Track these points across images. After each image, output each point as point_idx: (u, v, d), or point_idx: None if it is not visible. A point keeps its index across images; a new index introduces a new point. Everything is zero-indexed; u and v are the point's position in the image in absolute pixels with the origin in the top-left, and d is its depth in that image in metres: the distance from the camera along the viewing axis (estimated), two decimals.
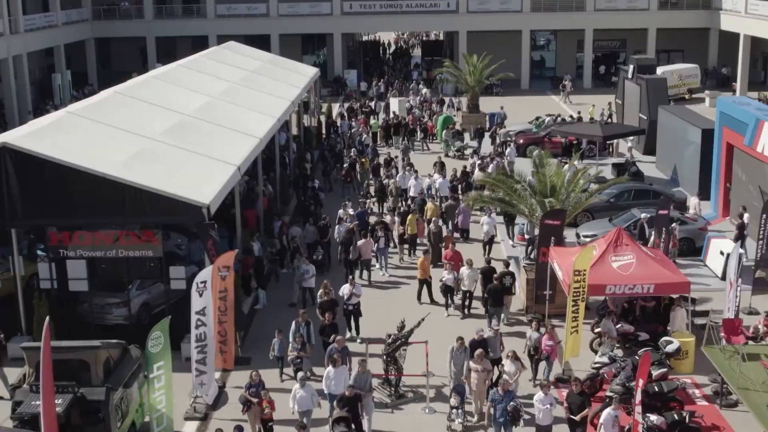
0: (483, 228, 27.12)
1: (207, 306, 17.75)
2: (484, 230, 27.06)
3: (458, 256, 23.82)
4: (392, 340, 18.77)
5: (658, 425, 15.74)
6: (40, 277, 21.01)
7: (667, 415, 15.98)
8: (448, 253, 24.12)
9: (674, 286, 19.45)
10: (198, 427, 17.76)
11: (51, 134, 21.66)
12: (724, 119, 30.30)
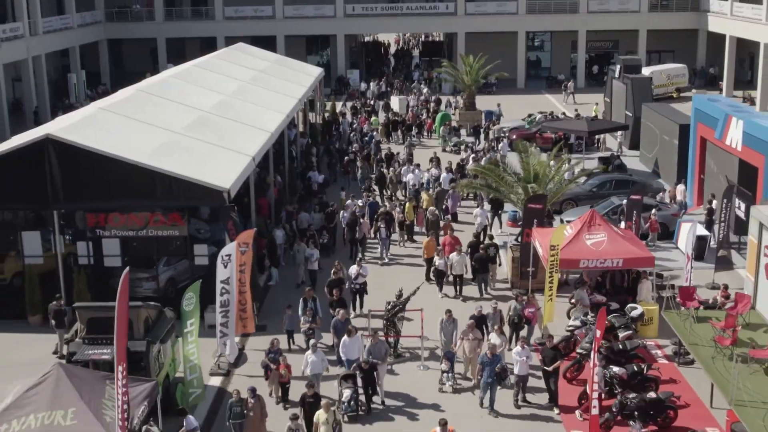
0: (476, 219, 29.46)
1: (230, 276, 20.32)
2: (477, 221, 29.42)
3: (456, 241, 26.23)
4: (391, 307, 21.38)
5: (620, 375, 18.30)
6: (79, 254, 23.57)
7: (627, 367, 18.52)
8: (447, 239, 26.49)
9: (640, 260, 22.03)
10: (222, 381, 20.36)
11: (86, 127, 24.28)
12: (699, 115, 32.88)
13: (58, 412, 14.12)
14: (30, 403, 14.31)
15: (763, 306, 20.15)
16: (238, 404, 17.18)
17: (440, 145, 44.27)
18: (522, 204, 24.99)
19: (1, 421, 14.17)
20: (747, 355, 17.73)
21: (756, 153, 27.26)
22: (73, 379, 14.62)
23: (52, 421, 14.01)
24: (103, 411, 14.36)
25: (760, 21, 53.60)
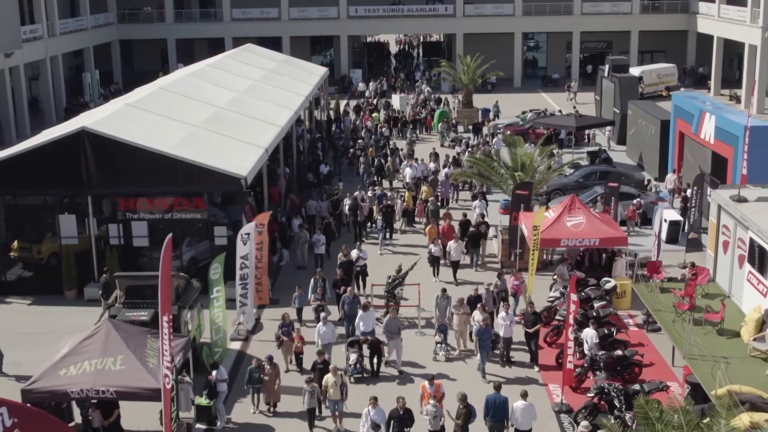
0: (475, 211, 31.91)
1: (249, 253, 22.87)
2: (476, 213, 31.85)
3: (452, 229, 28.69)
4: (392, 280, 23.96)
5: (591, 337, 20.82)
6: (110, 235, 26.13)
7: (599, 330, 21.04)
8: (445, 227, 28.90)
9: (615, 240, 24.59)
10: (241, 345, 22.89)
11: (116, 121, 26.85)
12: (677, 111, 35.43)
13: (108, 358, 16.68)
14: (84, 351, 16.87)
15: (721, 278, 22.69)
16: (257, 370, 19.42)
17: (438, 140, 46.79)
18: (510, 191, 27.54)
19: (60, 367, 16.73)
20: (702, 319, 20.27)
21: (726, 145, 29.80)
22: (120, 332, 17.19)
23: (104, 366, 16.56)
24: (147, 359, 16.92)
25: (745, 23, 56.10)
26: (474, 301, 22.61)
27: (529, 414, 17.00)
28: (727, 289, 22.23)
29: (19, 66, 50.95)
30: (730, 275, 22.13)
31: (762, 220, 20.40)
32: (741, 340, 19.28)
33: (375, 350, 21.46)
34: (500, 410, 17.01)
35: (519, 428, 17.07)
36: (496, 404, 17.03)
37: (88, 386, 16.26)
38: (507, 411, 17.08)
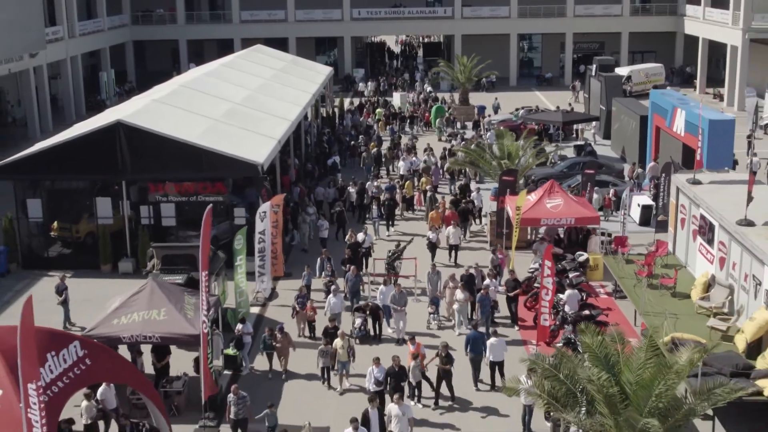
0: (474, 203, 34.98)
1: (266, 229, 26.10)
2: (474, 204, 34.85)
3: (455, 215, 31.82)
4: (391, 254, 27.24)
5: (564, 300, 24.03)
6: (141, 216, 29.38)
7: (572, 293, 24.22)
8: (450, 214, 31.93)
9: (589, 219, 27.83)
10: (259, 310, 26.13)
11: (146, 115, 30.13)
12: (654, 107, 38.66)
13: (153, 310, 19.91)
14: (133, 304, 20.13)
15: (679, 251, 25.90)
16: (270, 338, 22.23)
17: (436, 135, 50.02)
18: (495, 174, 30.80)
19: (112, 318, 19.97)
20: (659, 283, 23.50)
21: (694, 137, 33.00)
22: (162, 290, 20.45)
23: (150, 317, 19.81)
24: (186, 311, 20.15)
25: (727, 25, 59.30)
26: (468, 280, 25.27)
27: (500, 347, 20.42)
28: (684, 260, 25.45)
29: (42, 65, 54.20)
30: (686, 248, 25.35)
31: (711, 199, 23.61)
32: (691, 300, 22.47)
33: (376, 316, 24.63)
34: (478, 344, 20.45)
35: (493, 360, 20.36)
36: (475, 339, 20.48)
37: (137, 333, 19.52)
38: (483, 345, 20.46)
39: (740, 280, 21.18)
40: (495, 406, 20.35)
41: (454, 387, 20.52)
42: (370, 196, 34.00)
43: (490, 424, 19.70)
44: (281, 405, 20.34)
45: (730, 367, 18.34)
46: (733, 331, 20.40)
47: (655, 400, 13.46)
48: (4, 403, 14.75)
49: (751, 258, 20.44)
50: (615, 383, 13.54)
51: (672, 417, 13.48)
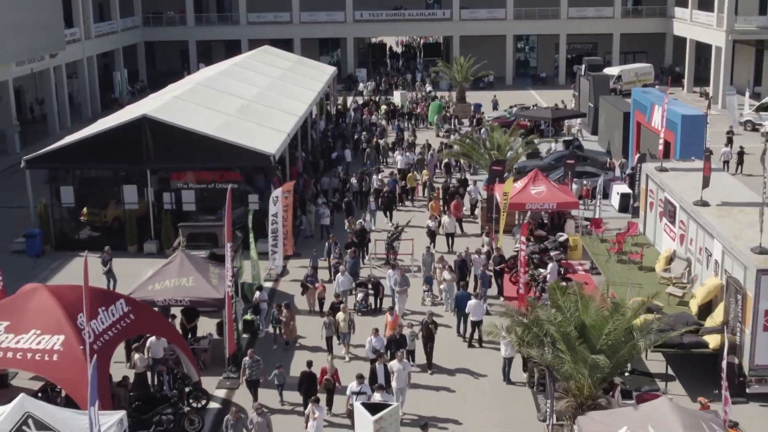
0: (471, 195, 37.89)
1: (278, 212, 29.06)
2: (471, 196, 37.75)
3: (460, 206, 34.66)
4: (390, 234, 30.22)
5: (545, 274, 26.95)
6: (164, 201, 32.37)
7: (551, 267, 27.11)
8: (456, 204, 34.69)
9: (568, 204, 30.83)
10: (272, 284, 29.10)
11: (168, 110, 33.12)
12: (636, 104, 41.63)
13: (183, 278, 22.90)
14: (165, 273, 23.12)
15: (648, 231, 28.86)
16: (277, 313, 24.83)
17: (434, 131, 53.00)
18: (488, 167, 33.78)
19: (148, 284, 22.95)
20: (627, 259, 26.48)
21: (670, 132, 35.91)
22: (190, 261, 23.45)
23: (180, 283, 22.79)
24: (211, 280, 23.14)
25: (712, 26, 62.23)
26: (461, 265, 27.83)
27: (479, 308, 23.57)
28: (652, 239, 28.39)
29: (61, 65, 57.22)
30: (654, 228, 28.30)
31: (674, 184, 26.55)
32: (655, 272, 25.42)
33: (376, 291, 27.56)
34: (463, 302, 23.70)
35: (473, 318, 23.56)
36: (462, 298, 24.06)
37: (170, 297, 22.50)
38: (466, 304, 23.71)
39: (696, 253, 24.14)
40: (479, 362, 23.30)
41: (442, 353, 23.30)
42: (373, 189, 36.80)
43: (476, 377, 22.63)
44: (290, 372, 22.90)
45: (682, 324, 21.29)
46: (688, 297, 23.36)
47: (605, 338, 16.43)
48: (68, 344, 17.77)
49: (704, 233, 23.39)
50: (573, 325, 16.50)
51: (619, 353, 16.44)
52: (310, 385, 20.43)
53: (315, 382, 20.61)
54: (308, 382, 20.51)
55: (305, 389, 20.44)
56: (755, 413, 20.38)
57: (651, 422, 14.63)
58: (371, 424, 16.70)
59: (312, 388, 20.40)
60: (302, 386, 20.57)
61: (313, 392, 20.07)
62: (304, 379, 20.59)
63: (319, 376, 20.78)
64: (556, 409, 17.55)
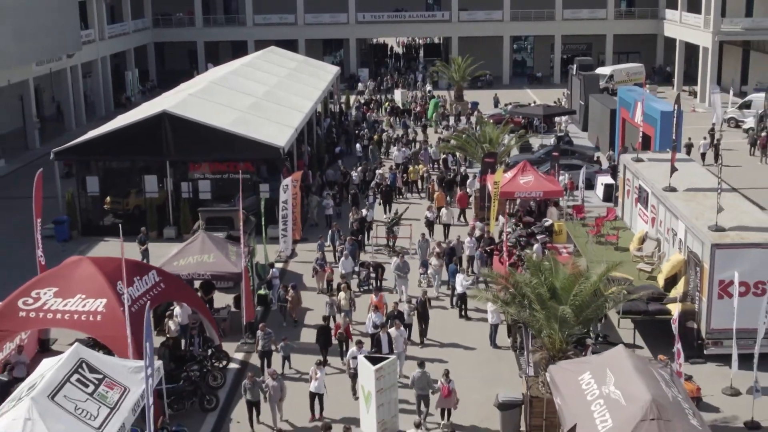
0: (469, 188, 40.54)
1: (287, 199, 31.79)
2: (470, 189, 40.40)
3: (465, 197, 37.32)
4: (390, 219, 32.97)
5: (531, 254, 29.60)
6: (182, 191, 35.11)
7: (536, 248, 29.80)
8: (462, 195, 37.35)
9: (553, 192, 33.55)
10: (282, 265, 31.82)
11: (185, 106, 35.86)
12: (621, 102, 44.35)
13: (204, 255, 25.65)
14: (188, 250, 25.90)
15: (626, 216, 31.59)
16: (284, 293, 27.41)
17: (433, 127, 55.73)
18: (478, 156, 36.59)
19: (173, 260, 25.69)
20: (605, 240, 29.21)
21: (650, 126, 38.70)
22: (212, 239, 26.23)
23: (202, 260, 25.53)
24: (230, 257, 25.87)
25: (699, 28, 64.92)
26: (449, 252, 30.43)
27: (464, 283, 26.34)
28: (629, 223, 31.11)
29: (77, 65, 60.00)
30: (630, 213, 31.02)
31: (647, 173, 29.25)
32: (629, 252, 28.15)
33: (377, 270, 30.26)
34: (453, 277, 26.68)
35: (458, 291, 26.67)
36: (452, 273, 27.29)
37: (193, 271, 25.27)
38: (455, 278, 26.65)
39: (664, 234, 26.87)
40: (469, 333, 26.01)
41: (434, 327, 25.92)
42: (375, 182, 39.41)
43: (466, 345, 25.33)
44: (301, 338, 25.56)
45: (648, 293, 24.03)
46: (656, 272, 26.09)
47: (573, 298, 19.15)
48: (110, 306, 20.52)
49: (671, 216, 26.11)
50: (545, 287, 19.24)
51: (585, 311, 19.18)
52: (327, 337, 23.63)
53: (330, 335, 23.72)
54: (324, 334, 23.69)
55: (322, 341, 23.60)
56: (712, 372, 23.08)
57: (609, 367, 17.32)
58: (372, 372, 19.42)
59: (328, 339, 23.61)
60: (320, 338, 23.65)
61: (329, 343, 23.49)
62: (321, 332, 23.72)
63: (333, 330, 23.81)
64: (533, 361, 20.28)
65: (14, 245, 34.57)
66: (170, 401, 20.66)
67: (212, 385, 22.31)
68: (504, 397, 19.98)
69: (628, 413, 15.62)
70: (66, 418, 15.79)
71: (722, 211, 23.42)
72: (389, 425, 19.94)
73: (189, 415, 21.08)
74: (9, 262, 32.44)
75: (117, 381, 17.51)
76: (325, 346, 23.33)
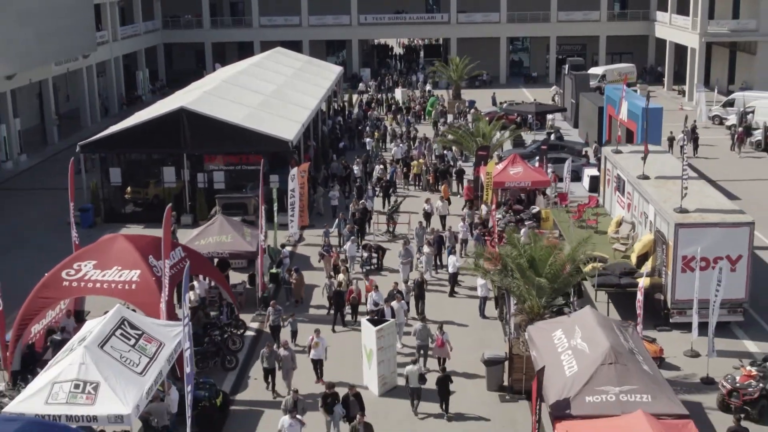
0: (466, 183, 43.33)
1: (295, 188, 34.63)
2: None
3: (471, 190, 40.04)
4: (390, 207, 35.86)
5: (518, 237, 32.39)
6: (198, 181, 37.97)
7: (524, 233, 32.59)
8: (468, 188, 40.10)
9: (541, 182, 36.40)
10: (291, 248, 34.65)
11: (201, 102, 38.73)
12: (608, 100, 47.18)
13: (223, 235, 28.51)
14: (207, 232, 28.74)
15: (606, 203, 34.44)
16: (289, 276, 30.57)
17: (431, 125, 58.53)
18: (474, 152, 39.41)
19: (194, 240, 28.53)
20: (586, 224, 32.05)
21: (632, 122, 41.51)
22: (229, 222, 29.10)
23: (220, 240, 28.39)
24: (245, 237, 28.73)
25: (688, 29, 67.71)
26: (438, 240, 32.92)
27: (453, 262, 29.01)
28: (609, 209, 33.95)
29: (92, 65, 62.87)
30: (610, 200, 33.85)
31: (624, 163, 32.08)
32: (607, 235, 30.97)
33: (379, 251, 33.09)
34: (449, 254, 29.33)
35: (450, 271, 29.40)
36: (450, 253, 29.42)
37: (212, 250, 28.13)
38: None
39: (638, 217, 29.70)
40: (460, 308, 28.82)
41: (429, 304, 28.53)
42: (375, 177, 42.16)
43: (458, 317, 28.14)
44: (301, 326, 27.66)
45: (621, 269, 26.87)
46: (629, 251, 28.92)
47: (548, 269, 21.99)
48: (143, 276, 23.36)
49: (643, 201, 28.93)
50: (524, 258, 22.08)
51: (559, 279, 22.03)
52: (340, 300, 26.79)
53: (343, 298, 26.82)
54: (337, 297, 26.81)
55: (335, 303, 26.79)
56: (676, 338, 25.88)
57: (578, 324, 20.16)
58: (374, 333, 22.27)
59: (341, 302, 26.82)
60: (333, 300, 26.92)
61: (342, 305, 26.70)
62: (335, 295, 26.86)
63: (347, 295, 26.93)
64: (514, 323, 23.12)
65: (42, 230, 37.46)
66: (196, 360, 23.45)
67: (232, 348, 25.13)
68: (489, 354, 22.83)
69: (591, 359, 18.46)
70: (114, 364, 18.59)
71: (686, 195, 26.22)
72: (388, 380, 22.80)
73: (212, 372, 23.89)
74: (40, 244, 35.33)
75: (153, 336, 20.31)
76: (337, 307, 26.64)
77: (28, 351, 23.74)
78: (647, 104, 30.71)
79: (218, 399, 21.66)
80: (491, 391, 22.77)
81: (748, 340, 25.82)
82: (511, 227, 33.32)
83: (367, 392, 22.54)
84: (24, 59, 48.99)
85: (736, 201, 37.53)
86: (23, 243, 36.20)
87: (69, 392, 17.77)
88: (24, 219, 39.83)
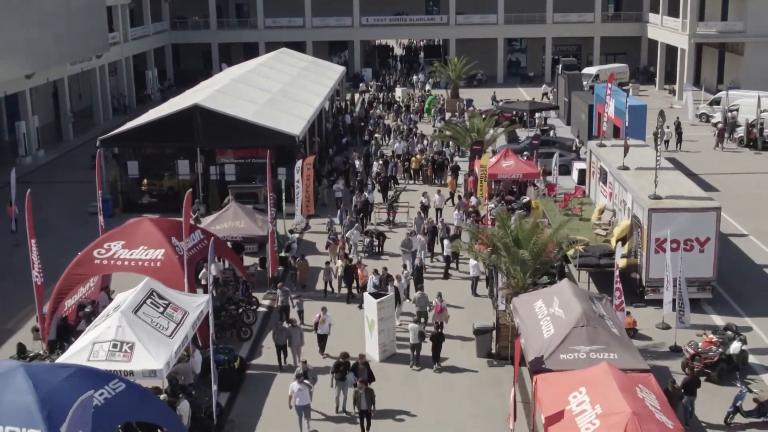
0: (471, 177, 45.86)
1: (300, 179, 37.17)
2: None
3: (475, 183, 42.49)
4: (390, 197, 38.38)
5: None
6: (210, 173, 40.53)
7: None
8: (471, 181, 42.65)
9: (532, 174, 38.95)
10: (298, 236, 37.16)
11: (214, 100, 41.29)
12: (597, 98, 49.69)
13: (236, 221, 31.08)
14: (222, 218, 31.27)
15: (592, 194, 36.99)
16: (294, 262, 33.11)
17: (430, 122, 61.13)
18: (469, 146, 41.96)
19: (210, 226, 31.06)
20: (571, 212, 34.61)
21: (619, 119, 44.03)
22: (242, 209, 31.65)
23: (234, 225, 30.95)
24: (257, 223, 31.28)
25: (678, 31, 70.24)
26: (432, 230, 35.54)
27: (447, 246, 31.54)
28: (594, 199, 36.50)
29: (104, 65, 65.46)
30: (595, 190, 36.41)
31: (607, 156, 34.63)
32: (590, 222, 33.53)
33: (380, 237, 35.63)
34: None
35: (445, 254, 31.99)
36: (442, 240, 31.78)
37: (228, 234, 30.69)
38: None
39: (618, 205, 32.24)
40: (454, 289, 31.35)
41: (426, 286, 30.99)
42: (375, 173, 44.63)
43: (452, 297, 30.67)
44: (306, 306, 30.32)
45: (601, 251, 29.41)
46: (609, 236, 31.46)
47: (532, 246, 24.55)
48: (167, 255, 25.91)
49: (622, 189, 31.48)
50: (510, 237, 24.64)
51: (541, 257, 24.59)
52: (349, 277, 29.54)
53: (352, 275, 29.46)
54: (348, 274, 29.54)
55: (347, 279, 29.43)
56: (650, 313, 28.39)
57: (556, 295, 22.70)
58: (375, 305, 24.84)
59: (350, 278, 29.52)
60: (345, 277, 29.47)
61: (352, 281, 29.46)
62: (346, 271, 29.54)
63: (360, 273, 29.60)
64: (501, 296, 25.69)
65: (65, 220, 40.02)
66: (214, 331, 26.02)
67: (246, 321, 27.68)
68: (478, 325, 25.41)
69: (565, 323, 21.00)
70: (146, 327, 21.12)
71: (661, 184, 28.75)
72: (388, 347, 25.37)
73: (229, 342, 26.44)
74: (64, 232, 37.89)
75: (179, 306, 22.86)
76: (348, 284, 29.39)
77: (63, 323, 26.30)
78: (626, 101, 33.10)
79: (236, 363, 24.21)
80: (480, 357, 25.33)
81: (715, 315, 28.36)
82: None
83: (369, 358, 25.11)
84: (42, 59, 51.54)
85: (715, 192, 40.16)
86: (50, 231, 38.76)
87: (108, 351, 20.30)
88: (46, 210, 42.37)
